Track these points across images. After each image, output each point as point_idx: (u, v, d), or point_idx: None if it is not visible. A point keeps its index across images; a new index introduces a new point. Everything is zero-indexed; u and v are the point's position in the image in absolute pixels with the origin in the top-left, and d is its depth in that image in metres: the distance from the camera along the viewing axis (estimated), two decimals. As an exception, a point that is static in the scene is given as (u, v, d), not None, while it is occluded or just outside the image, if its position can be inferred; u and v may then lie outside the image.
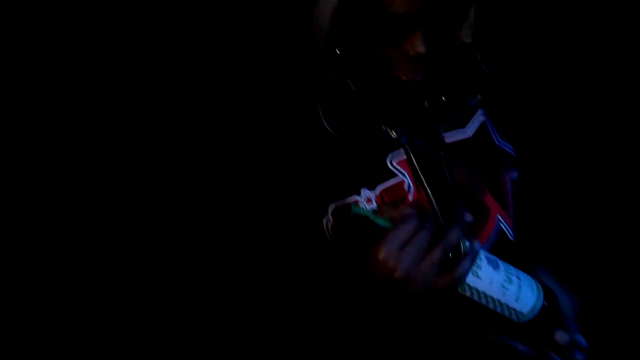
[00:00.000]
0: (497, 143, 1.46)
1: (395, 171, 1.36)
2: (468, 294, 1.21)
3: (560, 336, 1.28)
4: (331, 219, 1.33)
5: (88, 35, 1.70)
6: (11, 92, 1.64)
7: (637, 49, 1.80)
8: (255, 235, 1.35)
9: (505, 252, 1.37)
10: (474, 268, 1.20)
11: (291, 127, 1.36)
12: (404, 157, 1.36)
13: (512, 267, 1.25)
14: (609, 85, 1.81)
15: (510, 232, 1.43)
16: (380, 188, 1.35)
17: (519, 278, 1.23)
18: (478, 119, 1.45)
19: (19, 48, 1.65)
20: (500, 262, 1.24)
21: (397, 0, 1.21)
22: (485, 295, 1.21)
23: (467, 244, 1.19)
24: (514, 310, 1.23)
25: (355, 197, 1.33)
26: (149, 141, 1.65)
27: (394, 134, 1.36)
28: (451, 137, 1.41)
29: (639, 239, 1.65)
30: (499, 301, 1.22)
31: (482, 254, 1.21)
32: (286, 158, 1.34)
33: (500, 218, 1.41)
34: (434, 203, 1.34)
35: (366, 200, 1.34)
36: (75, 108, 1.70)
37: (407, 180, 1.36)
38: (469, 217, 1.24)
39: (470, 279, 1.20)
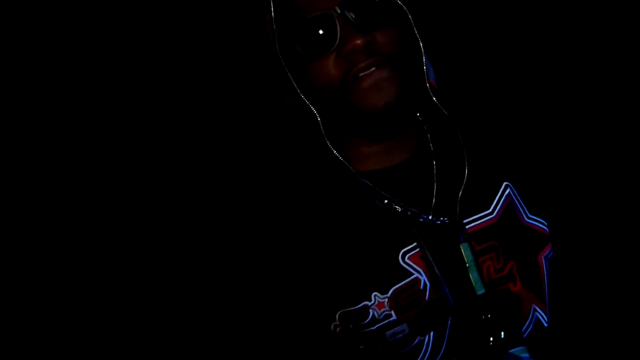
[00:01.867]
0: (526, 220, 1.30)
1: (409, 269, 1.22)
2: None
3: None
4: (339, 324, 1.21)
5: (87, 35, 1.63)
6: (11, 92, 1.60)
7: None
8: (263, 341, 1.23)
9: (540, 342, 1.24)
10: None
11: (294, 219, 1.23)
12: (418, 251, 1.21)
13: None
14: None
15: (545, 318, 1.27)
16: (392, 290, 1.20)
17: None
18: (503, 194, 1.28)
19: (19, 48, 1.60)
20: None
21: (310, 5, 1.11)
22: None
23: None
24: None
25: (366, 303, 1.20)
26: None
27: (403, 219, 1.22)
28: (475, 221, 1.25)
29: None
30: None
31: None
32: (293, 259, 1.22)
33: (535, 307, 1.26)
34: (453, 305, 1.19)
35: (377, 305, 1.20)
36: (70, 109, 1.64)
37: (423, 278, 1.21)
38: None
39: None
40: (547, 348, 1.26)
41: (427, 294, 1.21)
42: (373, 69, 1.12)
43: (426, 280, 1.21)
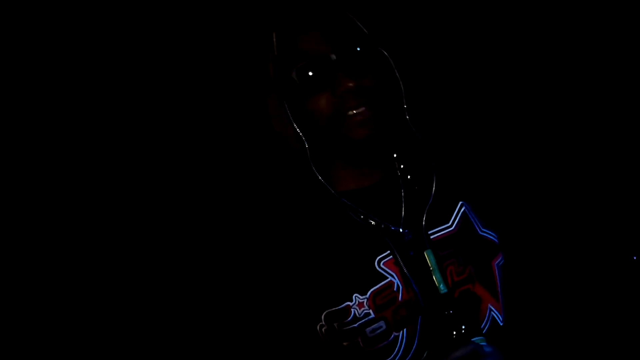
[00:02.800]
0: (479, 233, 1.51)
1: (384, 273, 1.41)
2: None
3: None
4: (325, 324, 1.38)
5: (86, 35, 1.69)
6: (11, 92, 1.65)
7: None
8: (254, 341, 1.40)
9: (496, 338, 1.43)
10: None
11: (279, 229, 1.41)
12: (391, 258, 1.41)
13: None
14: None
15: (501, 318, 1.47)
16: (371, 291, 1.39)
17: None
18: (460, 211, 1.50)
19: (19, 48, 1.65)
20: None
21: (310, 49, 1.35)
22: None
23: None
24: None
25: (348, 303, 1.38)
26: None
27: (378, 230, 1.42)
28: (437, 232, 1.46)
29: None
30: None
31: None
32: (277, 265, 1.40)
33: (491, 307, 1.46)
34: (422, 303, 1.38)
35: (358, 305, 1.38)
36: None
37: (396, 281, 1.40)
38: None
39: None
40: (502, 343, 1.45)
41: (400, 294, 1.40)
42: (362, 108, 1.37)
43: (399, 282, 1.40)
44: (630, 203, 1.75)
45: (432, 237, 1.44)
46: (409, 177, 1.46)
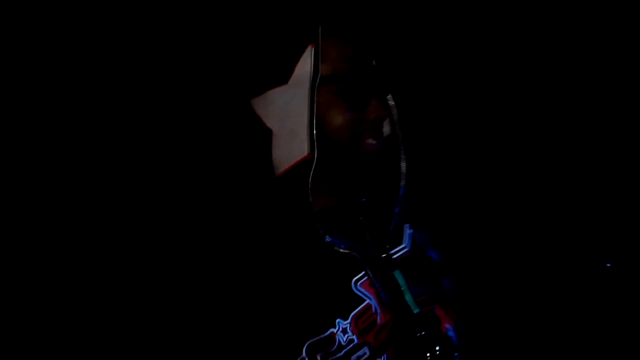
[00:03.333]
0: (427, 253, 1.48)
1: (362, 295, 1.30)
2: None
3: None
4: (306, 357, 1.24)
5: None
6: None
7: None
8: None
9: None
10: None
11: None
12: (367, 279, 1.31)
13: None
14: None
15: (454, 338, 1.44)
16: (352, 315, 1.28)
17: None
18: (408, 233, 1.45)
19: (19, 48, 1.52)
20: None
21: None
22: None
23: None
24: None
25: (332, 330, 1.25)
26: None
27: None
28: (397, 252, 1.40)
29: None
30: None
31: None
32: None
33: (447, 327, 1.42)
34: (399, 326, 1.31)
35: (342, 331, 1.26)
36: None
37: (373, 303, 1.31)
38: None
39: None
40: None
41: (379, 317, 1.31)
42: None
43: (376, 304, 1.31)
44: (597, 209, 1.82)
45: (394, 257, 1.38)
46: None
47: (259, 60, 1.25)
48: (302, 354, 1.23)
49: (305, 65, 1.22)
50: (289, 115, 1.24)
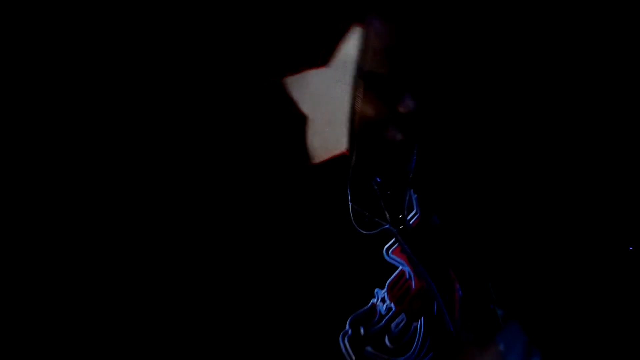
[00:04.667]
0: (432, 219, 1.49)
1: (394, 262, 1.30)
2: None
3: None
4: (350, 331, 1.23)
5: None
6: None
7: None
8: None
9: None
10: None
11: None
12: (398, 245, 1.31)
13: None
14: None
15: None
16: (387, 283, 1.28)
17: None
18: (414, 197, 1.46)
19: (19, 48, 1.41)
20: None
21: None
22: None
23: None
24: None
25: (373, 301, 1.25)
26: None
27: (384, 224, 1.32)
28: (411, 219, 1.40)
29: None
30: None
31: None
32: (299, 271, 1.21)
33: (457, 287, 1.44)
34: (436, 291, 1.32)
35: (381, 300, 1.26)
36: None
37: (407, 269, 1.31)
38: None
39: None
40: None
41: (413, 282, 1.31)
42: None
43: (409, 270, 1.31)
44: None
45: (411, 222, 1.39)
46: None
47: (295, 35, 1.18)
48: (345, 327, 1.23)
49: (349, 48, 1.16)
50: (326, 102, 1.19)
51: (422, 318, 1.31)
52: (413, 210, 1.43)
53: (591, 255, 1.71)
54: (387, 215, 1.37)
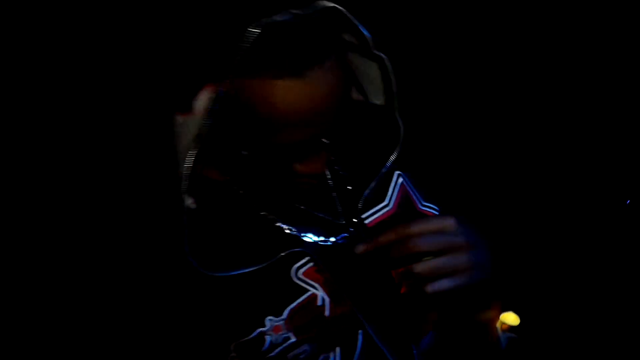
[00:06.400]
0: (420, 207, 1.22)
1: (303, 285, 1.11)
2: None
3: None
4: (236, 355, 1.09)
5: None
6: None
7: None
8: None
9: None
10: None
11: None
12: (313, 265, 1.11)
13: None
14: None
15: None
16: (288, 311, 1.10)
17: None
18: (397, 185, 1.21)
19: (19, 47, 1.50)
20: None
21: (281, 135, 0.98)
22: None
23: None
24: None
25: (260, 330, 1.08)
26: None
27: (292, 231, 1.12)
28: (374, 214, 1.18)
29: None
30: None
31: None
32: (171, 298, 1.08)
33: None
34: (364, 315, 1.11)
35: (273, 329, 1.09)
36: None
37: (320, 293, 1.11)
38: None
39: None
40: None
41: (327, 309, 1.11)
42: None
43: (323, 294, 1.11)
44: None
45: (367, 221, 1.16)
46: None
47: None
48: (231, 352, 1.09)
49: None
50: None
51: (338, 349, 1.12)
52: (384, 202, 1.20)
53: (591, 255, 1.52)
54: (340, 209, 1.17)
